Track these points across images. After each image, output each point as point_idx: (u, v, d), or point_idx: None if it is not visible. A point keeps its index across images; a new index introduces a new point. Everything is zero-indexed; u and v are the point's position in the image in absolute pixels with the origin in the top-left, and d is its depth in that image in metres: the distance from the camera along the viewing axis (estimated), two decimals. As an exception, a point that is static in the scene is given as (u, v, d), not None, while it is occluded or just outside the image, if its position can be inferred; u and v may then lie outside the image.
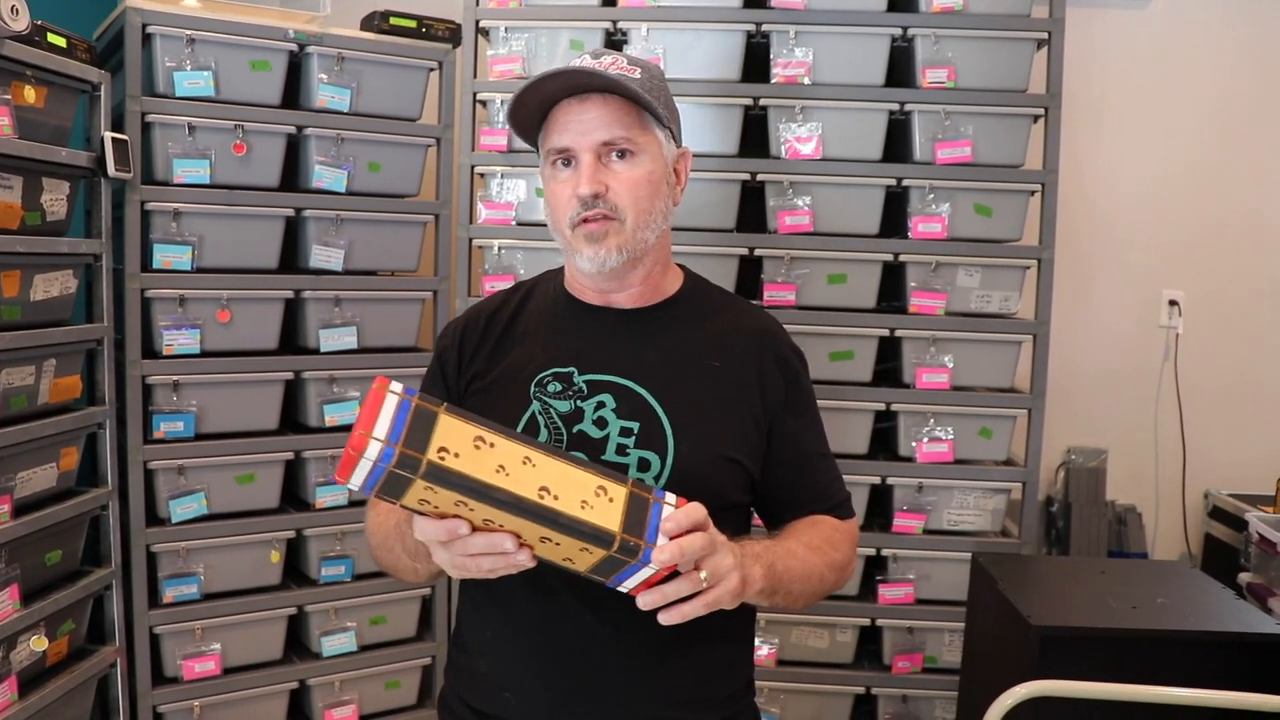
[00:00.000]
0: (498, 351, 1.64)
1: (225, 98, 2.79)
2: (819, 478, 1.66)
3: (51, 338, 2.47)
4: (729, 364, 1.60)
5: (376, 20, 2.99)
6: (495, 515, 1.23)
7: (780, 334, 1.69)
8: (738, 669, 1.65)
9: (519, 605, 1.54)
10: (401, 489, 1.21)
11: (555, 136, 1.55)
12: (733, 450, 1.56)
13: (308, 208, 2.91)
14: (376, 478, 1.19)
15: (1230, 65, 3.56)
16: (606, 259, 1.54)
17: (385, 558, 1.58)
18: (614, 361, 1.58)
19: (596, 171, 1.53)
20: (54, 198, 2.51)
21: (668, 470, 1.51)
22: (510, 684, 1.55)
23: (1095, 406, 3.63)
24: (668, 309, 1.65)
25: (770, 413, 1.61)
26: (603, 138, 1.53)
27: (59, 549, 2.55)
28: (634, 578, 1.28)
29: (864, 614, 3.02)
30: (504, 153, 3.05)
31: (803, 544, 1.53)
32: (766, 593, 1.43)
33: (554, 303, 1.68)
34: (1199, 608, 2.44)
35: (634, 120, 1.55)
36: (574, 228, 1.54)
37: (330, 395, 2.97)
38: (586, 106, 1.53)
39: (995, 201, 2.96)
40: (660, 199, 1.58)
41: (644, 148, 1.56)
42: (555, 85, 1.53)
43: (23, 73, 2.37)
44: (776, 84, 2.95)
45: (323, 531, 2.98)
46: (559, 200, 1.56)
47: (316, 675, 2.99)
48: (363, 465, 1.18)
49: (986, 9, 2.93)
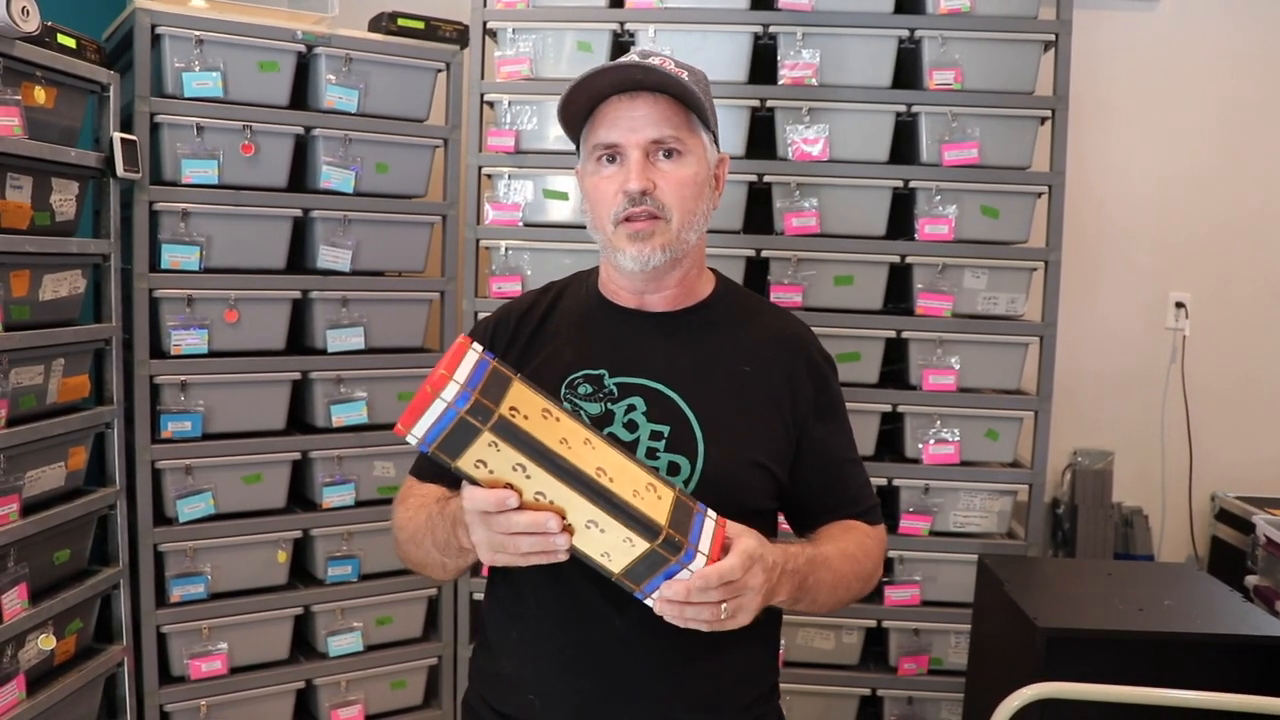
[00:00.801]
0: (528, 351, 1.63)
1: (234, 98, 2.80)
2: (849, 483, 1.67)
3: (60, 337, 2.48)
4: (759, 369, 1.60)
5: (384, 21, 3.00)
6: (550, 486, 1.23)
7: (811, 339, 1.69)
8: (764, 672, 1.66)
9: (547, 607, 1.54)
10: (464, 443, 1.21)
11: (603, 131, 1.55)
12: (762, 456, 1.56)
13: (315, 208, 2.92)
14: (444, 424, 1.19)
15: (1237, 66, 3.56)
16: (651, 257, 1.53)
17: (413, 553, 1.57)
18: (645, 365, 1.58)
19: (645, 168, 1.53)
20: (63, 198, 2.52)
21: (697, 474, 1.51)
22: (535, 686, 1.55)
23: (1102, 408, 3.63)
24: (700, 313, 1.65)
25: (800, 419, 1.61)
26: (652, 135, 1.53)
27: (67, 548, 2.56)
28: (665, 586, 1.28)
29: (870, 615, 3.03)
30: (511, 154, 3.05)
31: (838, 551, 1.54)
32: (791, 601, 1.44)
33: (586, 304, 1.67)
34: (1205, 610, 2.44)
35: (682, 121, 1.55)
36: (617, 225, 1.54)
37: (337, 395, 2.97)
38: (637, 104, 1.53)
39: (1002, 203, 2.96)
40: (703, 201, 1.58)
41: (691, 149, 1.56)
42: (607, 80, 1.53)
43: (33, 74, 2.38)
44: (784, 85, 2.95)
45: (329, 531, 2.99)
46: (602, 195, 1.56)
47: (323, 675, 3.00)
48: (436, 406, 1.18)
49: (993, 11, 2.93)
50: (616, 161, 1.55)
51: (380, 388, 3.03)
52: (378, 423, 3.03)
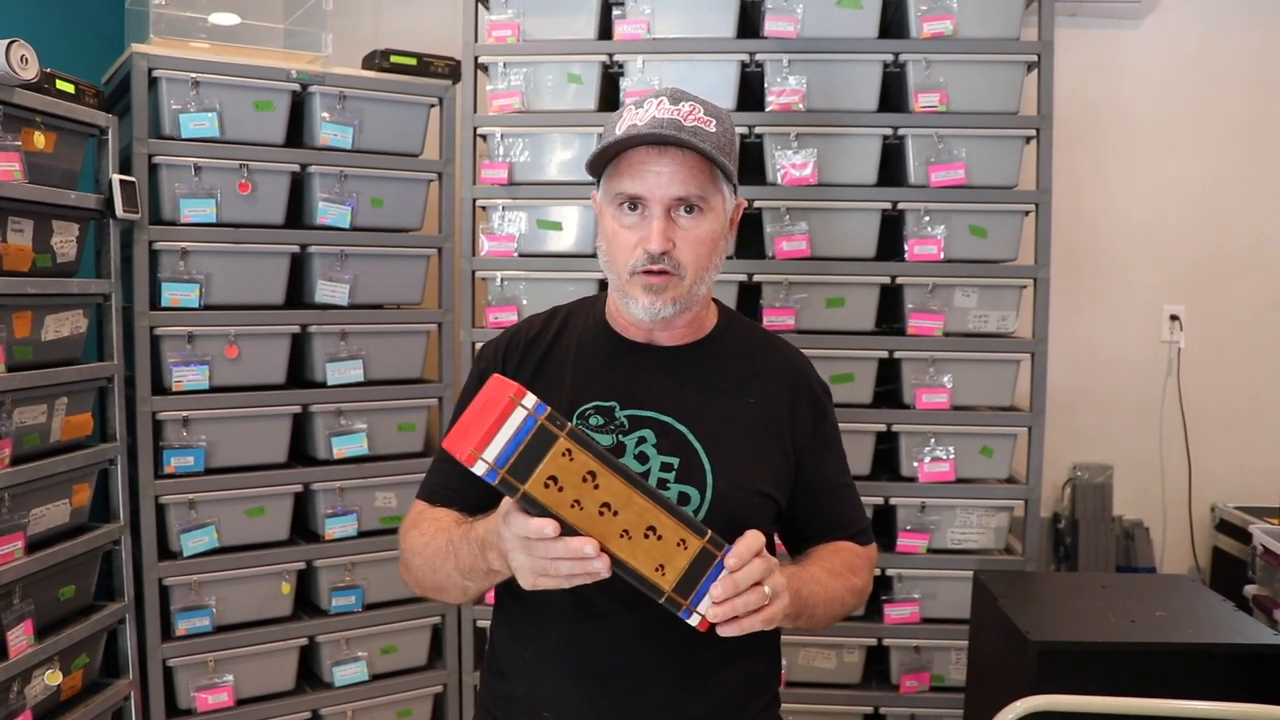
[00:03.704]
0: (537, 379, 1.67)
1: (230, 138, 2.84)
2: (842, 508, 1.74)
3: (63, 376, 2.52)
4: (762, 401, 1.67)
5: (377, 59, 3.05)
6: (617, 494, 1.29)
7: (810, 371, 1.75)
8: (768, 684, 1.72)
9: (560, 626, 1.59)
10: (539, 456, 1.26)
11: (629, 182, 1.56)
12: (766, 485, 1.63)
13: (313, 244, 2.96)
14: (523, 435, 1.26)
15: (1225, 81, 3.58)
16: (661, 310, 1.57)
17: (429, 577, 1.59)
18: (655, 398, 1.63)
19: (666, 228, 1.55)
20: (64, 239, 2.56)
21: (706, 504, 1.57)
22: (549, 704, 1.59)
23: (1100, 423, 3.64)
24: (705, 346, 1.70)
25: (798, 447, 1.68)
26: (677, 193, 1.55)
27: (72, 584, 2.60)
28: (714, 587, 1.34)
29: (871, 634, 3.04)
30: (505, 185, 3.09)
31: (825, 569, 1.61)
32: (791, 616, 1.48)
33: (595, 335, 1.71)
34: (1197, 621, 2.45)
35: (706, 178, 1.57)
36: (633, 275, 1.58)
37: (338, 428, 3.01)
38: (664, 159, 1.54)
39: (990, 222, 2.99)
40: (717, 254, 1.63)
41: (712, 206, 1.59)
42: (640, 138, 1.55)
43: (33, 119, 2.43)
44: (771, 112, 2.99)
45: (333, 562, 3.02)
46: (622, 244, 1.58)
47: (329, 705, 3.02)
48: (516, 415, 1.26)
49: (976, 33, 2.97)
50: (638, 210, 1.57)
51: (380, 419, 3.07)
52: (378, 454, 3.06)
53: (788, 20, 2.97)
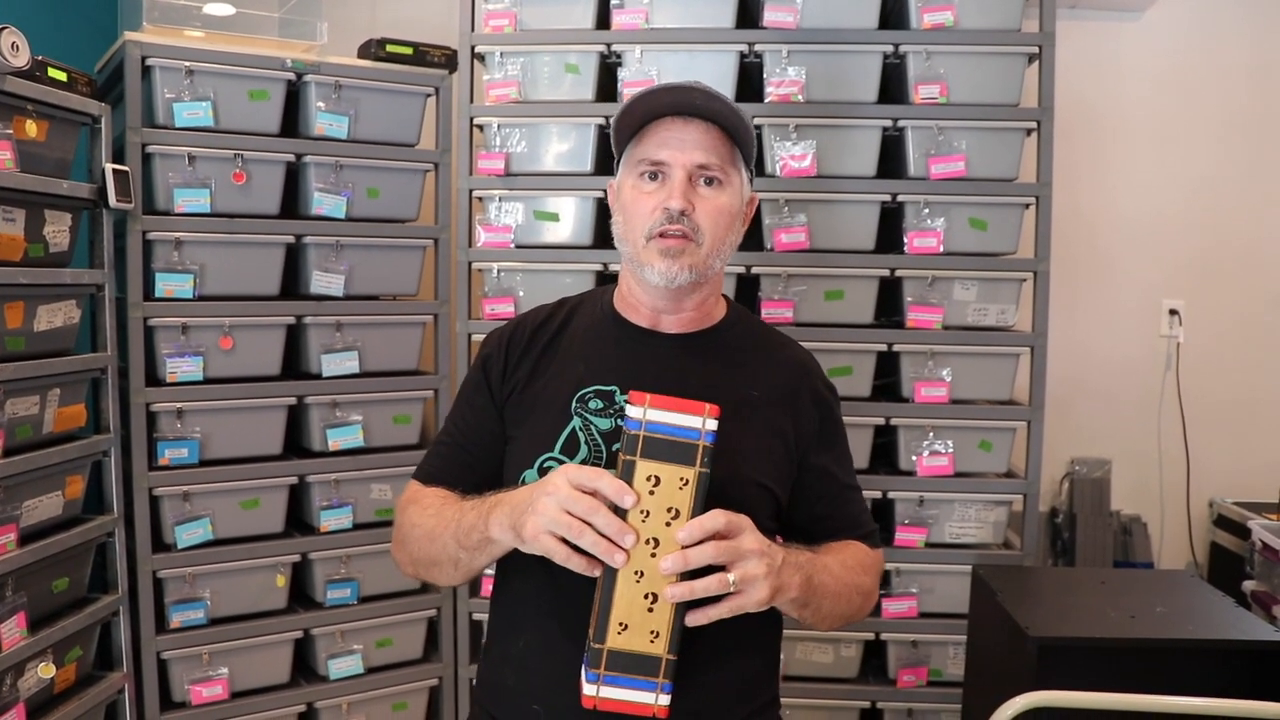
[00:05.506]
0: (541, 365, 1.68)
1: (224, 127, 2.82)
2: (849, 508, 1.73)
3: (55, 367, 2.50)
4: (766, 395, 1.66)
5: (373, 48, 3.03)
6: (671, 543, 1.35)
7: (815, 369, 1.75)
8: (766, 683, 1.69)
9: (556, 618, 1.57)
10: (674, 458, 1.36)
11: (653, 148, 1.60)
12: (765, 477, 1.62)
13: (308, 234, 2.94)
14: (684, 434, 1.35)
15: (1225, 75, 3.57)
16: (678, 275, 1.58)
17: (425, 548, 1.61)
18: (656, 384, 1.61)
19: (687, 190, 1.58)
20: (56, 229, 2.54)
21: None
22: (540, 695, 1.58)
23: (1098, 417, 3.63)
24: (711, 337, 1.70)
25: (802, 445, 1.67)
26: (700, 160, 1.59)
27: (66, 576, 2.58)
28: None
29: (868, 628, 3.03)
30: (501, 176, 3.07)
31: (838, 561, 1.60)
32: (799, 603, 1.48)
33: (601, 321, 1.72)
34: (1197, 616, 2.44)
35: (727, 154, 1.61)
36: (649, 239, 1.59)
37: (333, 420, 2.99)
38: (689, 128, 1.59)
39: (990, 215, 2.98)
40: (733, 232, 1.65)
41: (730, 181, 1.62)
42: (668, 100, 1.60)
43: (24, 107, 2.41)
44: (770, 103, 2.97)
45: (328, 555, 3.00)
46: (640, 209, 1.61)
47: (324, 698, 3.01)
48: (697, 419, 1.36)
49: (977, 24, 2.95)
50: (659, 180, 1.61)
51: (376, 411, 3.05)
52: (374, 446, 3.04)
53: (787, 10, 2.96)
